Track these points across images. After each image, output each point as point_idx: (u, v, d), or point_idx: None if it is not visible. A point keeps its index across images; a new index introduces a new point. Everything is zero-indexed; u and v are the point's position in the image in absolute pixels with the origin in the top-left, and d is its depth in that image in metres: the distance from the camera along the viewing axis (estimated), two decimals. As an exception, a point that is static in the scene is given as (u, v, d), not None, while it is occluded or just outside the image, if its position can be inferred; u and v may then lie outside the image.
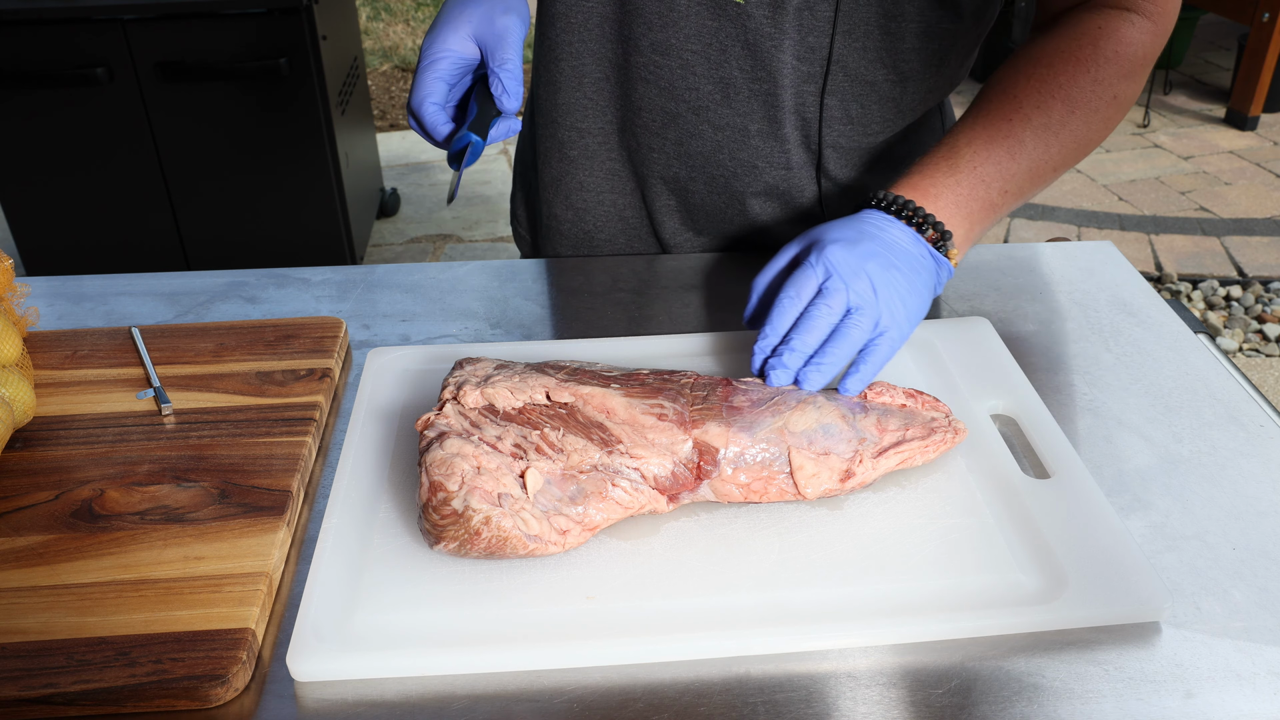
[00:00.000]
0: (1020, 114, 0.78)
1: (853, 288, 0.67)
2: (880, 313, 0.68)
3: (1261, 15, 3.51)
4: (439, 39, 0.76)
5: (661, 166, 0.93)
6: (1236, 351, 2.59)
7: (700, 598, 0.58)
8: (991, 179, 0.76)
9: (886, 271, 0.69)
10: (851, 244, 0.69)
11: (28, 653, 0.54)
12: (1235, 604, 0.58)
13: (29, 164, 2.31)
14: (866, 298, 0.67)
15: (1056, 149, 0.78)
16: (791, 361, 0.66)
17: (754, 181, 0.91)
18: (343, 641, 0.55)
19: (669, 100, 0.88)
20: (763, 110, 0.87)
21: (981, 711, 0.52)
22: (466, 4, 0.77)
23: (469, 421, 0.63)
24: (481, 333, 0.85)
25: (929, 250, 0.72)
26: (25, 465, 0.67)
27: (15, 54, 2.16)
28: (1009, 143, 0.77)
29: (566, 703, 0.53)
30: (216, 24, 2.18)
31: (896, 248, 0.70)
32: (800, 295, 0.68)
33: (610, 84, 0.91)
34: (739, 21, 0.83)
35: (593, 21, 0.88)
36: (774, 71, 0.85)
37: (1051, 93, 0.78)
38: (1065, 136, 0.78)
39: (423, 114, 0.75)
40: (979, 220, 0.76)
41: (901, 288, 0.69)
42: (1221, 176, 3.42)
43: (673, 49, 0.86)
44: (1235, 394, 0.75)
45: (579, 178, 0.97)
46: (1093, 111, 0.78)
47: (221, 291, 0.91)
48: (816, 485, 0.62)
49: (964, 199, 0.75)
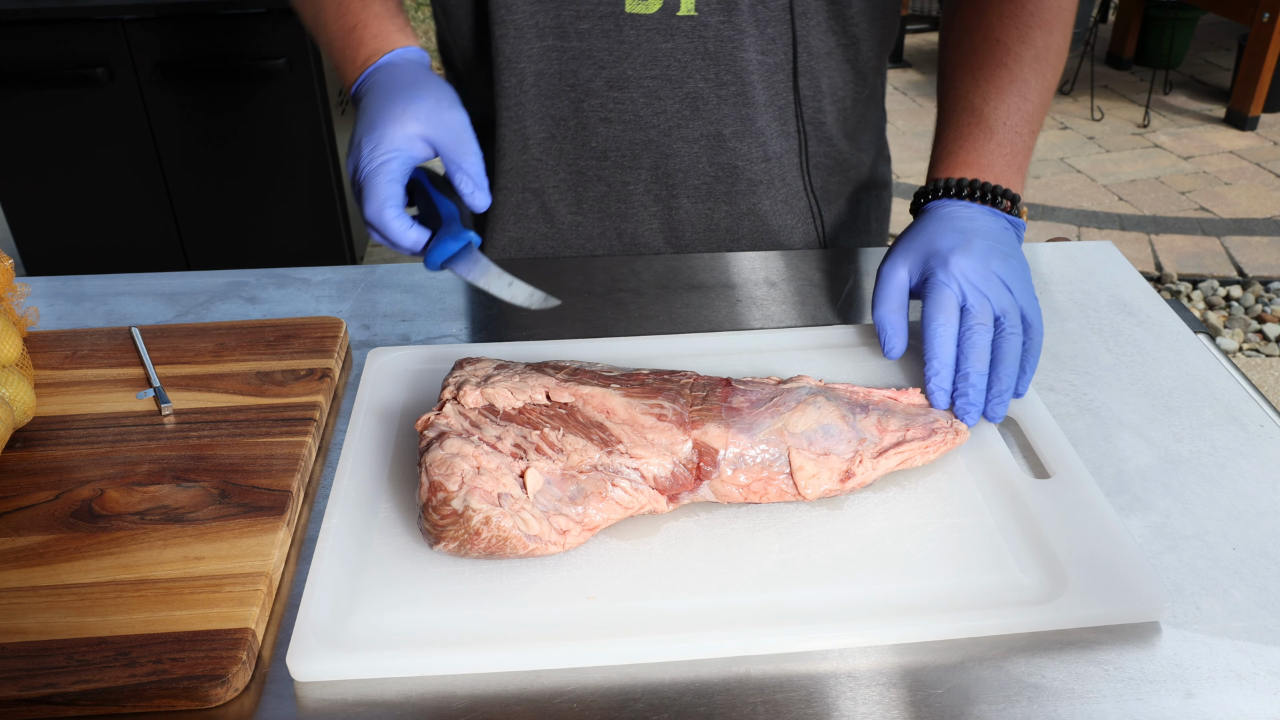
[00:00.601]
0: (1011, 54, 0.79)
1: (992, 296, 0.69)
2: (1022, 307, 0.70)
3: (1261, 15, 3.51)
4: (385, 138, 0.70)
5: (640, 194, 0.92)
6: (1236, 351, 2.59)
7: (700, 598, 0.58)
8: (1020, 127, 0.78)
9: (1006, 263, 0.70)
10: (966, 249, 0.70)
11: (28, 653, 0.54)
12: (1235, 604, 0.58)
13: (29, 164, 2.31)
14: (1006, 300, 0.69)
15: (1050, 73, 0.80)
16: (976, 398, 0.68)
17: (737, 180, 0.91)
18: (343, 641, 0.55)
19: (636, 131, 0.87)
20: (734, 112, 0.87)
21: (981, 711, 0.52)
22: (403, 100, 0.72)
23: (469, 421, 0.63)
24: (481, 333, 0.85)
25: (1008, 220, 0.74)
26: (25, 465, 0.67)
27: (15, 54, 2.16)
28: (1017, 85, 0.79)
29: (566, 703, 0.53)
30: (216, 24, 2.18)
31: (994, 233, 0.72)
32: (950, 318, 0.69)
33: (558, 140, 0.89)
34: (694, 34, 0.82)
35: (528, 81, 0.85)
36: (740, 73, 0.85)
37: (1028, 22, 0.80)
38: (1053, 58, 0.81)
39: (385, 224, 0.69)
40: (1024, 168, 0.78)
41: (1019, 270, 0.71)
42: (1221, 176, 3.42)
43: (630, 81, 0.84)
44: (1235, 394, 0.75)
45: (541, 231, 0.96)
46: (1063, 24, 0.81)
47: (221, 291, 0.91)
48: (816, 486, 0.62)
49: (1010, 156, 0.77)
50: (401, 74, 0.74)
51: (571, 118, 0.87)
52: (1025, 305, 0.70)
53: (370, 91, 0.74)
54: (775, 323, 0.85)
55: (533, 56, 0.84)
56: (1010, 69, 0.79)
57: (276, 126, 2.31)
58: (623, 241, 0.96)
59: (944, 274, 0.70)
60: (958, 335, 0.69)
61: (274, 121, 2.31)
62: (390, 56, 0.76)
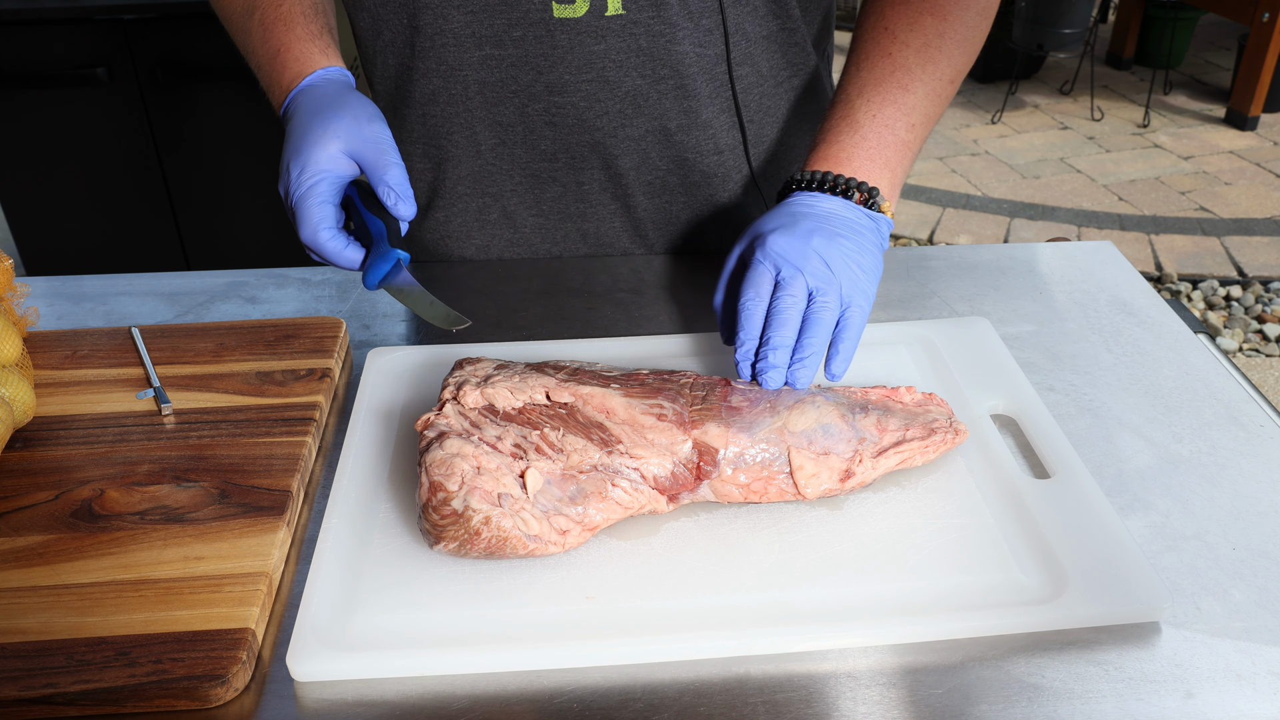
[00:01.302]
0: (897, 42, 0.77)
1: (806, 270, 0.67)
2: (841, 285, 0.67)
3: (1261, 15, 3.51)
4: (310, 160, 0.71)
5: (597, 192, 0.92)
6: (1236, 351, 2.59)
7: (700, 598, 0.58)
8: (894, 119, 0.75)
9: (831, 242, 0.68)
10: (789, 228, 0.69)
11: (28, 653, 0.54)
12: (1235, 604, 0.58)
13: (29, 164, 2.31)
14: (823, 275, 0.67)
15: (945, 63, 0.77)
16: (778, 359, 0.66)
17: (690, 172, 0.91)
18: (343, 641, 0.55)
19: (581, 133, 0.87)
20: (677, 106, 0.87)
21: (981, 711, 0.52)
22: (323, 120, 0.72)
23: (469, 421, 0.63)
24: (481, 333, 0.85)
25: (863, 212, 0.72)
26: (25, 465, 0.67)
27: (15, 54, 2.16)
28: (897, 76, 0.76)
29: (566, 703, 0.53)
30: (216, 24, 2.16)
31: (834, 218, 0.71)
32: (760, 293, 0.68)
33: (509, 145, 0.89)
34: (625, 33, 0.82)
35: (472, 89, 0.86)
36: (677, 67, 0.84)
37: (918, 8, 0.77)
38: (949, 46, 0.77)
39: (320, 245, 0.70)
40: (897, 164, 0.75)
41: (851, 252, 0.69)
42: (1221, 176, 3.42)
43: (568, 85, 0.84)
44: (1235, 394, 0.75)
45: (505, 237, 0.96)
46: (964, 9, 0.78)
47: (221, 291, 0.91)
48: (816, 485, 0.62)
49: (875, 150, 0.74)
50: (322, 95, 0.75)
51: (518, 123, 0.88)
52: (845, 283, 0.68)
53: (294, 115, 0.76)
54: (775, 323, 0.85)
55: (474, 65, 0.84)
56: (894, 58, 0.77)
57: (276, 127, 2.31)
58: (587, 243, 0.96)
59: (760, 252, 0.69)
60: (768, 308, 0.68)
61: (274, 122, 2.30)
62: (311, 79, 0.78)
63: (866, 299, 0.69)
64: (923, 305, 0.87)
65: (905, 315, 0.86)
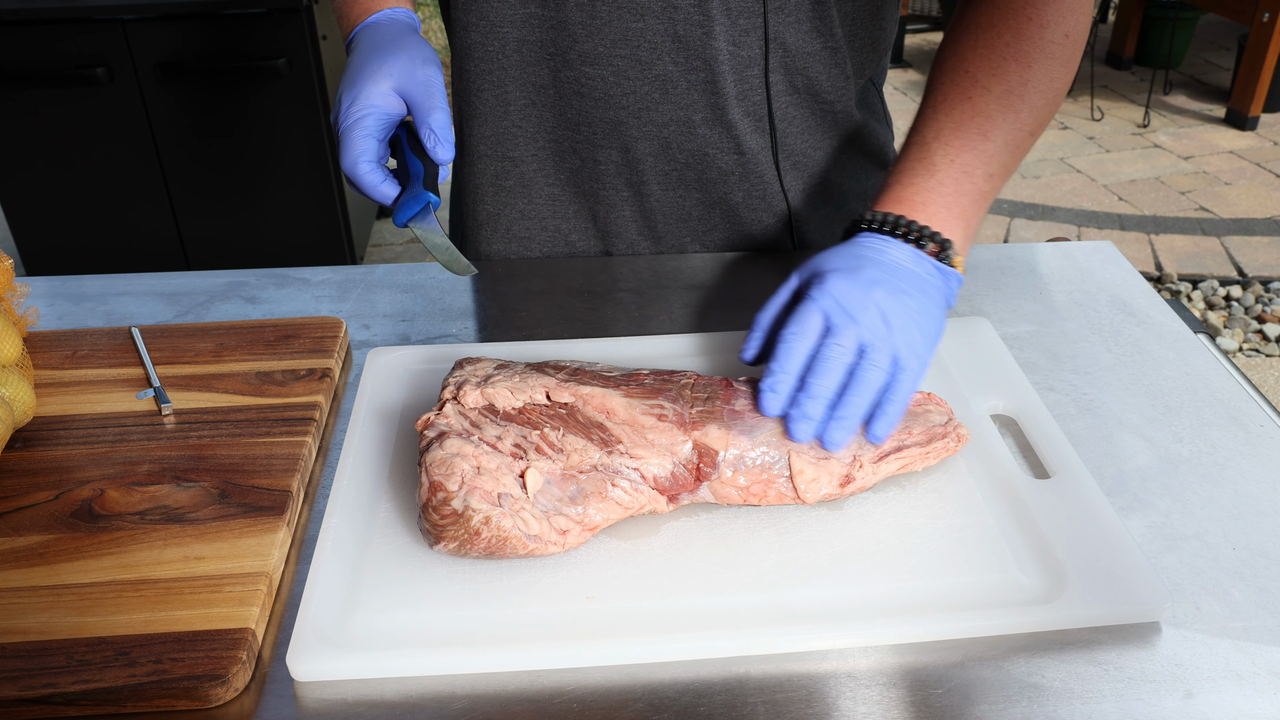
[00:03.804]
0: (978, 87, 0.73)
1: (862, 321, 0.62)
2: (896, 346, 0.63)
3: (1261, 15, 3.51)
4: (361, 94, 0.72)
5: (612, 175, 0.92)
6: (1236, 351, 2.59)
7: (700, 598, 0.58)
8: (973, 167, 0.72)
9: (895, 298, 0.64)
10: (853, 272, 0.65)
11: (28, 653, 0.54)
12: (1235, 604, 0.58)
13: (29, 164, 2.31)
14: (878, 332, 0.62)
15: (1027, 113, 0.74)
16: (814, 411, 0.61)
17: (708, 169, 0.91)
18: (343, 641, 0.55)
19: (606, 109, 0.88)
20: (704, 99, 0.87)
21: (981, 711, 0.52)
22: (380, 57, 0.74)
23: (469, 421, 0.63)
24: (481, 333, 0.85)
25: (933, 265, 0.68)
26: (25, 465, 0.67)
27: (15, 54, 2.16)
28: (977, 121, 0.73)
29: (566, 703, 0.53)
30: (216, 24, 2.18)
31: (900, 270, 0.66)
32: (805, 332, 0.63)
33: (538, 108, 0.90)
34: (665, 17, 0.82)
35: (510, 47, 0.86)
36: (709, 60, 0.84)
37: (1002, 54, 0.74)
38: (1031, 96, 0.74)
39: (359, 177, 0.72)
40: (972, 215, 0.72)
41: (914, 312, 0.64)
42: (1221, 176, 3.42)
43: (601, 57, 0.85)
44: (1235, 394, 0.75)
45: (519, 207, 0.96)
46: (1049, 58, 0.74)
47: (221, 291, 0.91)
48: (816, 490, 0.62)
49: (952, 198, 0.70)
50: (384, 33, 0.77)
51: (550, 86, 0.88)
52: (901, 345, 0.63)
53: (355, 49, 0.78)
54: (775, 323, 0.85)
55: (515, 22, 0.85)
56: (975, 103, 0.73)
57: (276, 126, 2.31)
58: (596, 224, 0.96)
59: (817, 289, 0.64)
60: (811, 351, 0.63)
61: (274, 121, 2.31)
62: (376, 16, 0.80)
63: (921, 364, 0.64)
64: (923, 305, 0.87)
65: (905, 315, 0.86)
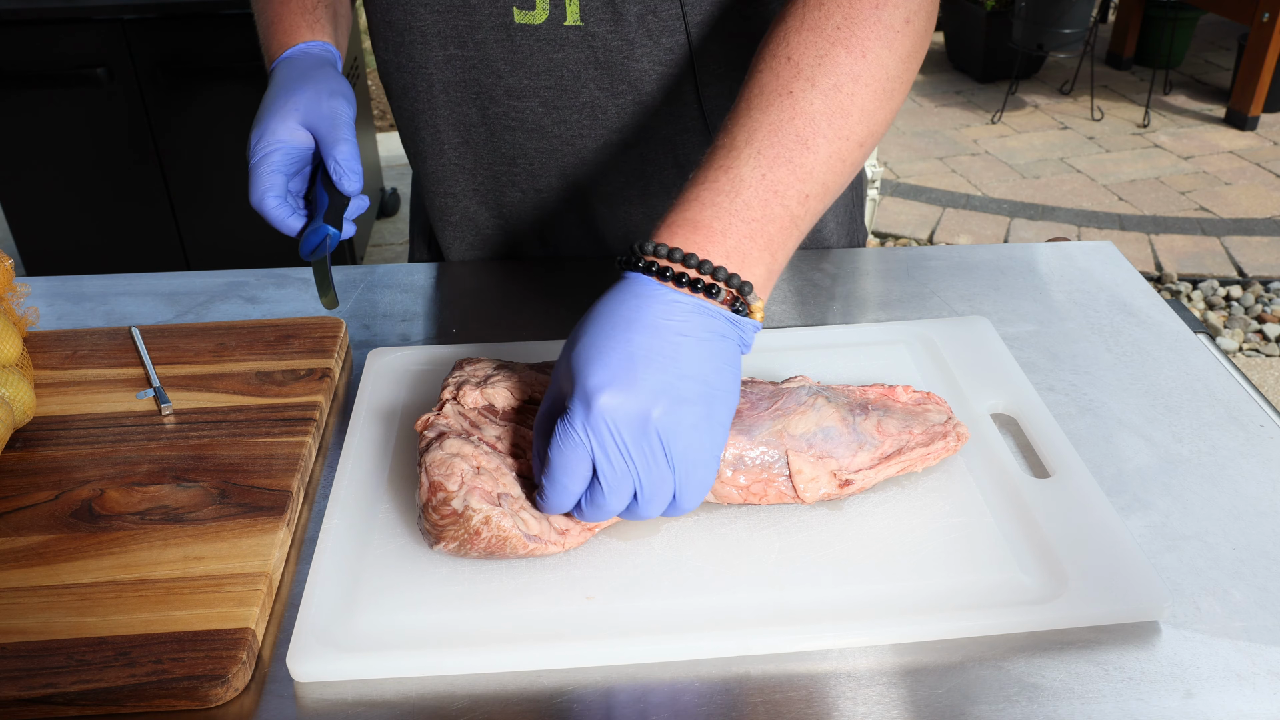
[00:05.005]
0: (801, 79, 0.60)
1: (638, 464, 0.53)
2: (676, 484, 0.54)
3: (1261, 15, 3.51)
4: (266, 131, 0.73)
5: (555, 201, 0.92)
6: (1236, 351, 2.59)
7: (700, 598, 0.58)
8: (786, 186, 0.58)
9: (677, 411, 0.52)
10: (626, 387, 0.52)
11: (28, 653, 0.54)
12: (1235, 604, 0.58)
13: (29, 164, 2.31)
14: (656, 474, 0.53)
15: (857, 116, 0.61)
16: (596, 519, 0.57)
17: (649, 184, 0.90)
18: (343, 642, 0.55)
19: (540, 140, 0.87)
20: (635, 121, 0.86)
21: (981, 711, 0.52)
22: (287, 92, 0.75)
23: (469, 421, 0.62)
24: (481, 333, 0.85)
25: (726, 320, 0.55)
26: (25, 465, 0.67)
27: (15, 54, 2.16)
28: (798, 124, 0.59)
29: (566, 703, 0.53)
30: (216, 24, 2.18)
31: (683, 350, 0.53)
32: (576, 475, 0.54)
33: (472, 145, 0.89)
34: (583, 44, 0.81)
35: (437, 88, 0.86)
36: (635, 83, 0.83)
37: (831, 39, 0.61)
38: (863, 95, 0.61)
39: (265, 212, 0.73)
40: (780, 246, 0.58)
41: (701, 426, 0.53)
42: (1221, 176, 3.42)
43: (527, 90, 0.84)
44: (1235, 394, 0.75)
45: (468, 240, 0.97)
46: (886, 48, 0.62)
47: (221, 291, 0.91)
48: (815, 490, 0.62)
49: (758, 225, 0.57)
50: (297, 67, 0.78)
51: (480, 124, 0.88)
52: (681, 481, 0.54)
53: (270, 83, 0.78)
54: (773, 322, 0.85)
55: (438, 64, 0.85)
56: (796, 99, 0.59)
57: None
58: (547, 250, 0.96)
59: (583, 418, 0.52)
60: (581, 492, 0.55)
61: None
62: (292, 51, 0.80)
63: (700, 492, 0.55)
64: (922, 305, 0.87)
65: (905, 315, 0.86)
